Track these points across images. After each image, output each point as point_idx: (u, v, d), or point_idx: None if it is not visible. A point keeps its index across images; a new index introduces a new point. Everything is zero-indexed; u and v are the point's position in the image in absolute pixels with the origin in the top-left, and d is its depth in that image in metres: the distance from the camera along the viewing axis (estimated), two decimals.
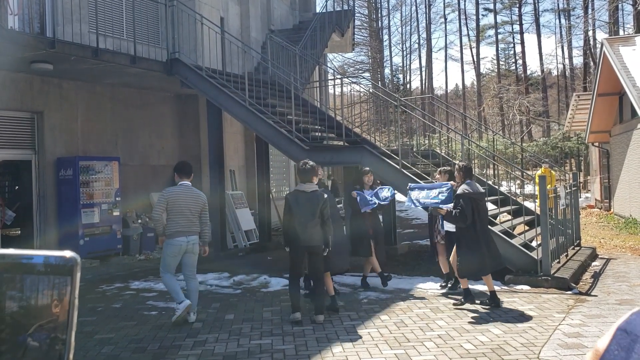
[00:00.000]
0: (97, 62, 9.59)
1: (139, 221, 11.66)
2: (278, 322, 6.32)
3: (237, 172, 14.12)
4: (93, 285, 8.52)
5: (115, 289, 8.34)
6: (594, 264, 9.58)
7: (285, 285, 8.18)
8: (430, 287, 7.90)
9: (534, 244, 8.64)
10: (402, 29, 62.26)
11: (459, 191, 6.60)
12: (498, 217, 9.56)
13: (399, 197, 13.18)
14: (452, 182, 7.10)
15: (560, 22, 43.40)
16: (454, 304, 6.82)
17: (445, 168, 7.69)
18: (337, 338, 5.68)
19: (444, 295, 7.41)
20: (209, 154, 11.53)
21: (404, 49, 48.17)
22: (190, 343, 5.63)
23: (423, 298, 7.31)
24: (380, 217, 8.26)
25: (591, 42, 35.52)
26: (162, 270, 6.35)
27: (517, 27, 42.43)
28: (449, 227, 6.96)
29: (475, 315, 6.40)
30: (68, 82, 10.91)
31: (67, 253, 0.59)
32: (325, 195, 6.35)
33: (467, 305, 6.74)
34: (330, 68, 18.07)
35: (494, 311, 6.54)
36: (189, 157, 13.15)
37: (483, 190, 6.98)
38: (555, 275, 7.83)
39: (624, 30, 32.66)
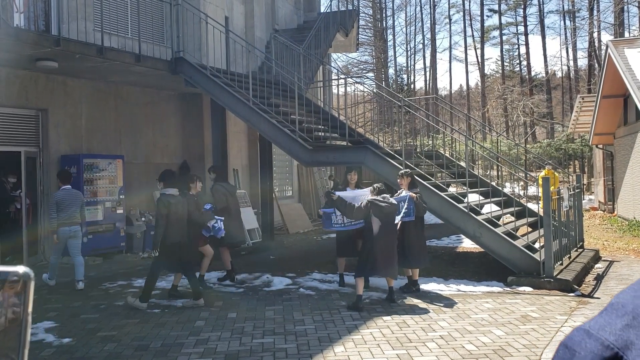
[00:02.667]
0: (101, 60, 9.63)
1: (143, 219, 11.70)
2: (280, 321, 6.33)
3: (241, 171, 14.14)
4: (96, 283, 8.55)
5: (118, 287, 8.37)
6: (597, 266, 9.58)
7: (288, 285, 8.21)
8: (432, 287, 7.90)
9: (536, 245, 8.64)
10: (406, 29, 62.23)
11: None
12: (501, 219, 9.56)
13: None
14: (412, 194, 7.53)
15: (565, 23, 43.36)
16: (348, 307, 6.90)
17: (407, 171, 7.99)
18: (339, 338, 5.69)
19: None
20: (213, 153, 11.57)
21: (408, 49, 48.17)
22: (193, 341, 5.65)
23: (425, 298, 7.31)
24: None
25: (596, 44, 35.46)
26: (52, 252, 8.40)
27: (521, 29, 42.40)
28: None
29: (478, 316, 6.41)
30: (73, 79, 10.95)
31: (20, 268, 0.57)
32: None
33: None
34: (334, 68, 18.08)
35: (496, 313, 6.55)
36: (192, 156, 13.21)
37: (393, 202, 7.19)
38: (558, 277, 7.83)
39: (629, 32, 32.59)
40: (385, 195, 7.12)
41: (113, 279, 8.89)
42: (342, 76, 14.85)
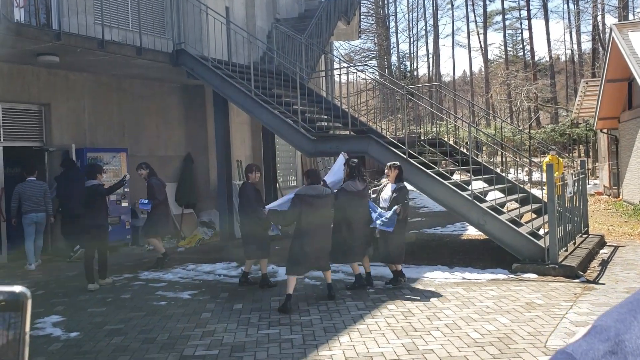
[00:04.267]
0: (103, 53, 9.61)
1: (148, 211, 11.71)
2: None
3: (244, 162, 14.13)
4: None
5: (124, 280, 8.42)
6: (602, 251, 9.56)
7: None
8: (437, 276, 7.91)
9: (541, 232, 8.63)
10: (408, 15, 61.81)
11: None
12: (505, 206, 9.54)
13: (406, 185, 13.17)
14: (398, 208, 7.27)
15: (568, 7, 42.96)
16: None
17: (395, 163, 7.64)
18: (345, 328, 5.71)
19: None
20: (216, 145, 11.56)
21: (411, 35, 47.84)
22: (199, 333, 5.68)
23: (430, 287, 7.32)
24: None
25: (600, 28, 35.14)
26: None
27: (524, 13, 41.99)
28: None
29: (482, 304, 6.41)
30: (74, 73, 10.94)
31: (17, 288, 0.57)
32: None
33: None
34: (336, 56, 17.99)
35: (501, 300, 6.55)
36: (195, 148, 13.21)
37: (327, 193, 6.79)
38: (563, 263, 7.82)
39: (633, 15, 32.26)
40: (316, 186, 6.67)
41: (119, 271, 8.93)
42: (344, 65, 14.78)
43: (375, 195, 8.01)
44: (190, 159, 13.04)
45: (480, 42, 42.31)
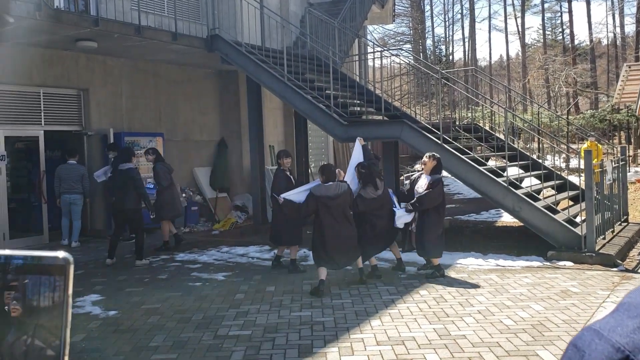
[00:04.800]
0: (139, 39, 9.75)
1: (184, 195, 11.93)
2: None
3: (277, 147, 14.21)
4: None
5: (161, 261, 8.61)
6: None
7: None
8: (470, 262, 7.85)
9: (578, 219, 8.46)
10: None
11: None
12: (541, 192, 9.37)
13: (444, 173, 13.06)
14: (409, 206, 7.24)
15: None
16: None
17: (435, 155, 7.42)
18: (376, 312, 5.74)
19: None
20: (249, 130, 11.65)
21: (447, 19, 47.00)
22: (233, 314, 5.79)
23: (463, 273, 7.28)
24: None
25: None
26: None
27: None
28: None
29: (516, 291, 6.35)
30: (112, 59, 11.15)
31: (60, 254, 0.61)
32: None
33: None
34: (370, 41, 17.84)
35: (535, 287, 6.47)
36: (229, 133, 13.34)
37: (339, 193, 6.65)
38: (600, 251, 7.67)
39: None
40: (330, 183, 6.61)
41: (155, 253, 9.13)
42: (378, 49, 14.65)
43: (408, 185, 7.95)
44: (224, 143, 13.18)
45: (517, 26, 41.31)
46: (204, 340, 5.03)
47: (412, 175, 7.79)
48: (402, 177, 17.37)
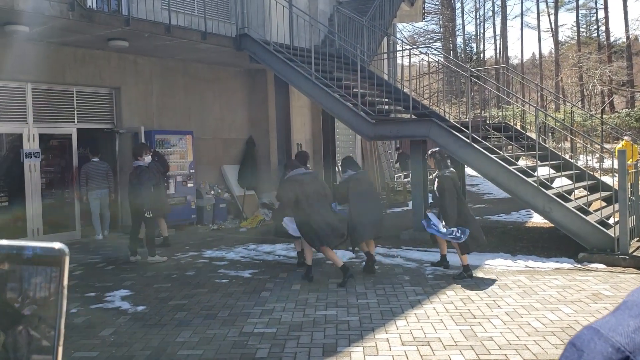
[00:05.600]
0: (169, 38, 9.88)
1: (212, 192, 12.07)
2: (343, 294, 6.41)
3: (304, 145, 14.24)
4: (168, 254, 8.93)
5: (189, 257, 8.72)
6: None
7: (351, 258, 8.27)
8: (499, 263, 7.74)
9: (611, 221, 8.26)
10: None
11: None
12: (573, 193, 9.18)
13: (469, 171, 12.89)
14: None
15: None
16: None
17: (431, 151, 7.42)
18: (402, 312, 5.70)
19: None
20: (277, 128, 11.70)
21: (478, 17, 46.40)
22: (259, 311, 5.82)
23: (491, 274, 7.18)
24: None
25: None
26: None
27: None
28: None
29: (546, 293, 6.23)
30: (143, 58, 11.32)
31: (56, 244, 0.62)
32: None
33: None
34: (399, 39, 17.73)
35: (566, 290, 6.34)
36: (257, 131, 13.42)
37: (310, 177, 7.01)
38: (634, 254, 7.47)
39: None
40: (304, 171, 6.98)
41: (184, 250, 9.25)
42: (407, 47, 14.55)
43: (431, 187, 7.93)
44: (252, 141, 13.27)
45: (550, 23, 40.53)
46: (229, 337, 5.07)
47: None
48: (430, 177, 17.26)
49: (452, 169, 7.12)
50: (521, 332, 5.02)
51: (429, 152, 7.46)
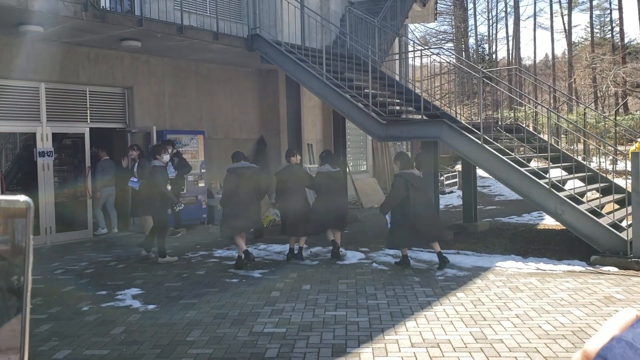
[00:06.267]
0: (181, 38, 9.93)
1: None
2: (353, 295, 6.40)
3: (315, 145, 14.25)
4: (179, 253, 8.97)
5: (199, 257, 8.76)
6: None
7: (362, 259, 8.27)
8: (510, 265, 7.70)
9: (624, 224, 8.18)
10: None
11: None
12: (585, 195, 9.11)
13: (481, 172, 12.82)
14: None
15: None
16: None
17: (397, 153, 8.49)
18: (412, 313, 5.69)
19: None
20: (288, 128, 11.72)
21: (490, 17, 46.14)
22: (268, 311, 5.83)
23: (502, 276, 7.14)
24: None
25: None
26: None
27: None
28: None
29: (557, 296, 6.19)
30: (155, 58, 11.39)
31: (21, 197, 0.64)
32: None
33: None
34: (410, 39, 17.69)
35: (577, 293, 6.29)
36: (268, 131, 13.45)
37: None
38: None
39: None
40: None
41: (195, 249, 9.29)
42: (419, 47, 14.51)
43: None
44: (263, 141, 13.29)
45: (564, 24, 40.24)
46: (239, 337, 5.08)
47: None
48: (441, 178, 17.18)
49: (412, 171, 7.72)
50: (532, 334, 4.99)
51: (397, 153, 8.42)
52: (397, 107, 11.31)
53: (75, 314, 5.89)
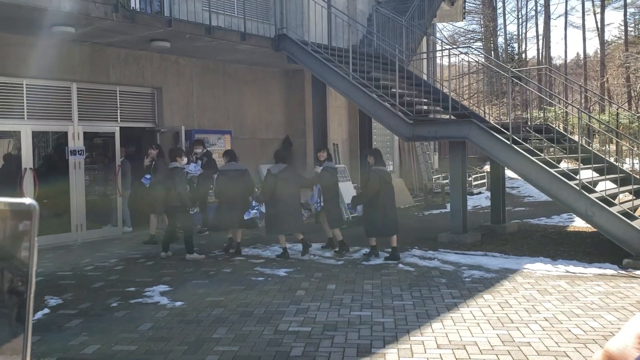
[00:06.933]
0: (210, 39, 10.03)
1: None
2: (378, 295, 6.39)
3: (341, 145, 14.25)
4: (206, 251, 9.07)
5: (226, 255, 8.83)
6: None
7: (387, 260, 8.24)
8: (538, 268, 7.58)
9: None
10: None
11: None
12: (617, 197, 8.91)
13: (510, 173, 12.65)
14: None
15: None
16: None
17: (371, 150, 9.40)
18: (438, 315, 5.65)
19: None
20: (314, 128, 11.74)
21: (520, 16, 45.46)
22: (294, 310, 5.86)
23: (530, 279, 7.04)
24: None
25: None
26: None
27: None
28: None
29: (587, 299, 6.07)
30: (184, 58, 11.53)
31: (27, 200, 0.65)
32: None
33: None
34: (438, 39, 17.55)
35: (608, 297, 6.16)
36: (294, 131, 13.50)
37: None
38: None
39: None
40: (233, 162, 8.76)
41: (221, 247, 9.37)
42: (447, 47, 14.39)
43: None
44: (289, 141, 13.34)
45: (596, 22, 39.42)
46: (264, 335, 5.12)
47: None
48: (469, 179, 17.00)
49: (384, 167, 8.58)
50: (561, 338, 4.91)
51: (371, 149, 9.13)
52: (425, 107, 11.23)
53: (105, 309, 6.00)
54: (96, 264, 8.27)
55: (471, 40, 43.07)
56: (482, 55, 25.06)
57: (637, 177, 10.02)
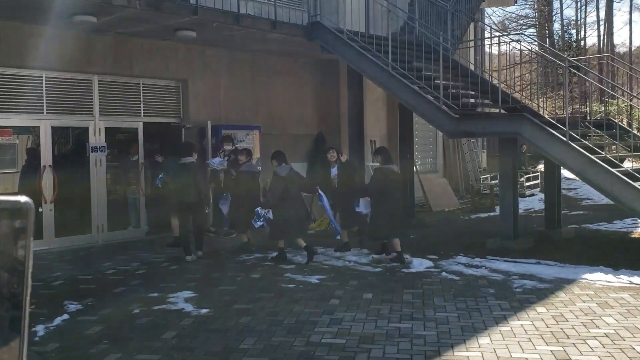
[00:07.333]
0: (238, 28, 10.13)
1: None
2: (419, 306, 6.35)
3: (379, 142, 14.19)
4: (233, 255, 9.17)
5: (254, 259, 8.92)
6: None
7: (429, 267, 8.18)
8: (598, 278, 7.42)
9: None
10: None
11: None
12: None
13: (566, 173, 12.41)
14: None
15: None
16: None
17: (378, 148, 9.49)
18: (485, 328, 5.58)
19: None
20: (349, 123, 11.72)
21: (578, 0, 44.55)
22: (327, 320, 5.87)
23: (589, 290, 6.89)
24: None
25: None
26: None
27: None
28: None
29: None
30: (211, 49, 11.67)
31: (22, 198, 0.68)
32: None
33: None
34: (487, 25, 17.33)
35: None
36: (327, 126, 13.51)
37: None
38: None
39: None
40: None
41: (250, 251, 9.46)
42: (496, 34, 14.20)
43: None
44: (321, 137, 13.35)
45: None
46: (295, 346, 5.15)
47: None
48: (521, 179, 16.74)
49: (391, 166, 8.80)
50: (623, 356, 4.79)
51: (378, 147, 9.45)
52: (472, 100, 11.10)
53: (127, 316, 6.13)
54: (117, 268, 8.45)
55: (524, 27, 42.32)
56: (536, 43, 24.65)
57: None
